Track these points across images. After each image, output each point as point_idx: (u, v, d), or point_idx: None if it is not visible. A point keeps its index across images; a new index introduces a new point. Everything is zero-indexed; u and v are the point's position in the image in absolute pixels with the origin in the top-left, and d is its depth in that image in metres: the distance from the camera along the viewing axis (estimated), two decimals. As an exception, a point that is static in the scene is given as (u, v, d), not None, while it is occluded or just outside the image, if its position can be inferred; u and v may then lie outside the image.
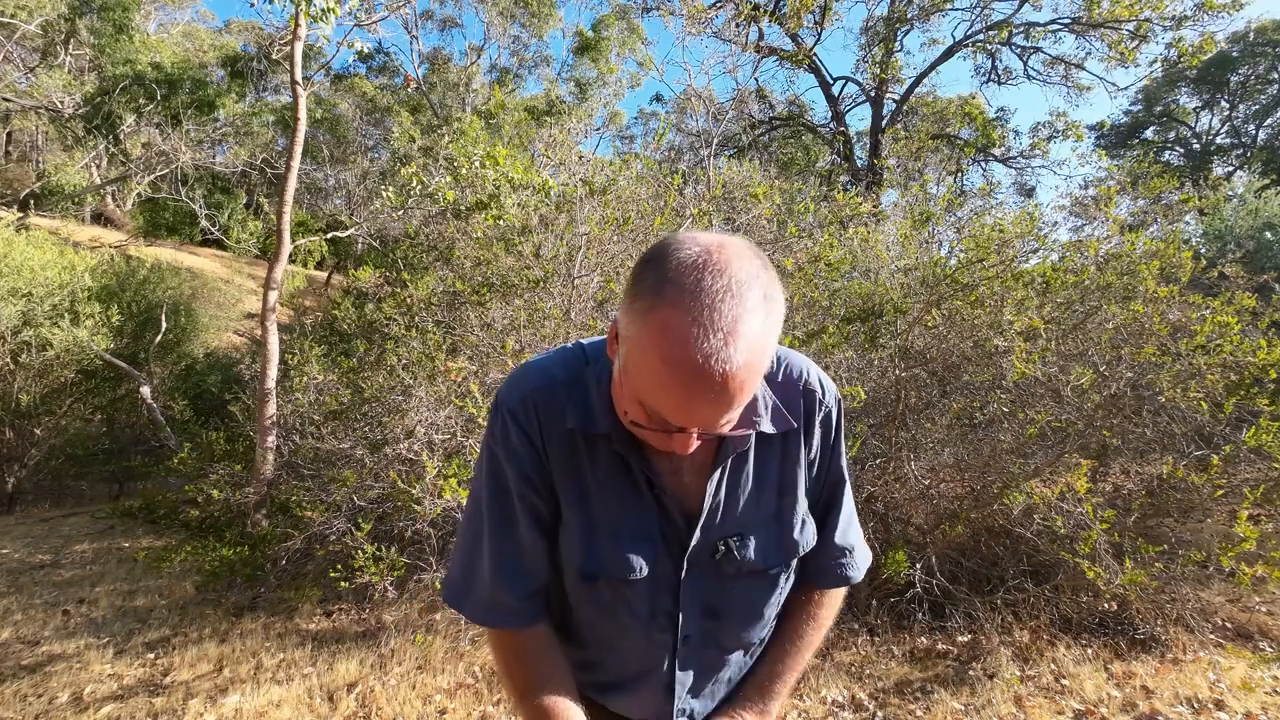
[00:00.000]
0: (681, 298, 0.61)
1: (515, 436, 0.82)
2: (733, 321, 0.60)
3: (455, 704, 2.68)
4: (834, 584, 0.97)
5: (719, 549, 0.85)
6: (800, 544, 0.89)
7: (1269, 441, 2.79)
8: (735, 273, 0.62)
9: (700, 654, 0.91)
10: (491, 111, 14.35)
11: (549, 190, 4.36)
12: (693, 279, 0.61)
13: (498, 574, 0.84)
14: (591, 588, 0.86)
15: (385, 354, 3.88)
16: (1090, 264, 3.67)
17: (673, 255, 0.64)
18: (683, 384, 0.61)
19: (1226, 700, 2.47)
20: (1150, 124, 23.12)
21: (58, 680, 2.97)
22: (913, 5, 14.08)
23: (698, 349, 0.59)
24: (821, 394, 0.88)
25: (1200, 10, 11.05)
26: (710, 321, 0.60)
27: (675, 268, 0.63)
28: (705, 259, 0.63)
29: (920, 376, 3.54)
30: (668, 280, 0.62)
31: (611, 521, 0.83)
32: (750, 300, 0.62)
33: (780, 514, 0.88)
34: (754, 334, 0.61)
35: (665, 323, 0.61)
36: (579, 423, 0.81)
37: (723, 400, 0.63)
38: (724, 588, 0.88)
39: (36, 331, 7.07)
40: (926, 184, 9.56)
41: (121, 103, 14.89)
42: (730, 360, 0.60)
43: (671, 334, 0.60)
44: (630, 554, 0.83)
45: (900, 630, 3.08)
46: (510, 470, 0.83)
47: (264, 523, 4.24)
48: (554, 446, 0.82)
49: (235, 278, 17.79)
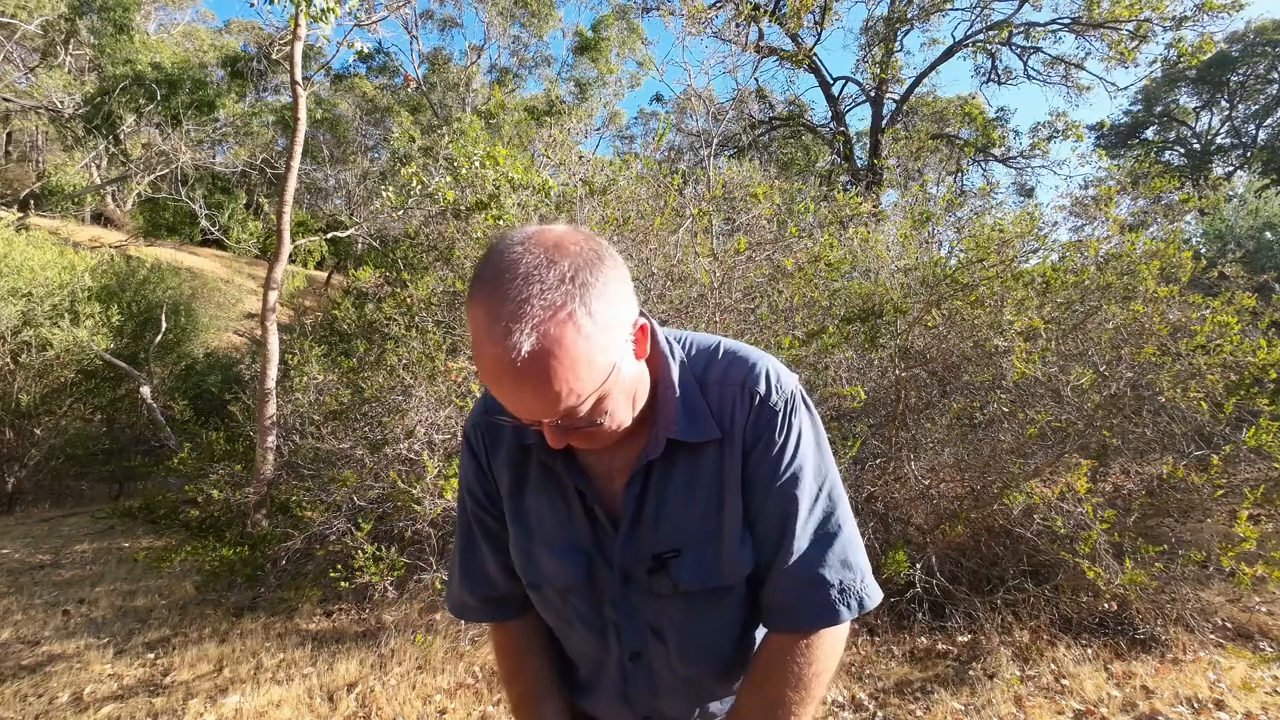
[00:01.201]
0: (482, 291, 0.62)
1: (467, 459, 0.90)
2: (517, 308, 0.59)
3: (455, 704, 2.68)
4: (789, 627, 0.78)
5: (653, 565, 0.79)
6: (741, 561, 0.79)
7: (1269, 441, 2.79)
8: (531, 260, 0.61)
9: (654, 673, 0.87)
10: (491, 111, 14.35)
11: (549, 190, 4.36)
12: (492, 271, 0.62)
13: (462, 578, 0.94)
14: (539, 595, 0.88)
15: (385, 354, 3.88)
16: (1090, 264, 3.67)
17: (487, 253, 0.65)
18: (490, 376, 0.63)
19: (1226, 700, 2.47)
20: (1150, 124, 23.13)
21: (58, 680, 2.97)
22: (913, 5, 14.08)
23: (489, 339, 0.60)
24: (765, 393, 0.78)
25: (1200, 10, 11.05)
26: (495, 311, 0.60)
27: (484, 264, 0.63)
28: (506, 250, 0.63)
29: (920, 376, 3.54)
30: (477, 277, 0.63)
31: (546, 531, 0.85)
32: (543, 284, 0.60)
33: (720, 530, 0.79)
34: (546, 315, 0.60)
35: (472, 318, 0.63)
36: (515, 434, 0.84)
37: (528, 389, 0.62)
38: (663, 608, 0.82)
39: (36, 331, 7.08)
40: (926, 184, 9.56)
41: (121, 103, 14.89)
42: (517, 347, 0.59)
43: (474, 328, 0.62)
44: (564, 562, 0.83)
45: (900, 630, 3.08)
46: (466, 491, 0.91)
47: (264, 523, 4.24)
48: (499, 463, 0.87)
49: (235, 278, 17.80)
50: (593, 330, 0.63)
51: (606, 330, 0.64)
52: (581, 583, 0.83)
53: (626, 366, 0.70)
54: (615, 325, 0.66)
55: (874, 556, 3.18)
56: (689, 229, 4.10)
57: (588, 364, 0.63)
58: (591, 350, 0.63)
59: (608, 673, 0.89)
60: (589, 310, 0.62)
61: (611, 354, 0.66)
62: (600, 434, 0.73)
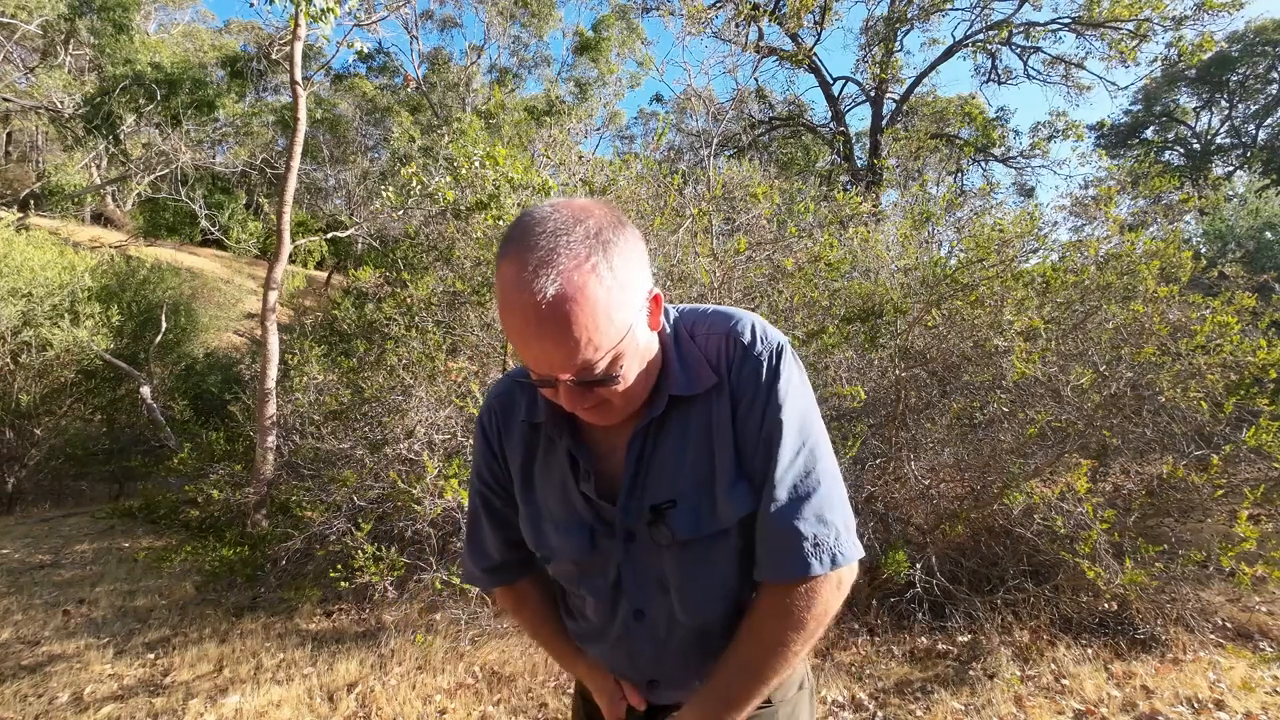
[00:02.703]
0: (511, 248, 0.67)
1: (479, 441, 0.95)
2: (546, 255, 0.64)
3: (455, 704, 2.68)
4: (776, 575, 0.79)
5: (652, 518, 0.82)
6: (735, 504, 0.80)
7: (1269, 441, 2.79)
8: (559, 217, 0.67)
9: (657, 627, 0.88)
10: (491, 111, 14.35)
11: (549, 190, 4.35)
12: (521, 231, 0.67)
13: (470, 551, 1.01)
14: (554, 566, 0.93)
15: (385, 354, 3.88)
16: (1090, 264, 3.66)
17: (517, 219, 0.69)
18: (515, 324, 0.66)
19: (1226, 700, 2.47)
20: (1150, 124, 23.12)
21: (58, 680, 2.97)
22: (913, 5, 14.08)
23: (516, 285, 0.65)
24: (750, 341, 0.80)
25: (1200, 10, 11.05)
26: (524, 260, 0.65)
27: (514, 227, 0.69)
28: (535, 213, 0.68)
29: (920, 376, 3.54)
30: (507, 239, 0.68)
31: (550, 507, 0.89)
32: (570, 237, 0.65)
33: (713, 477, 0.81)
34: (572, 267, 0.64)
35: (501, 273, 0.67)
36: (527, 413, 0.89)
37: (551, 333, 0.65)
38: (665, 558, 0.84)
39: (36, 331, 7.07)
40: (926, 184, 9.56)
41: (121, 103, 14.89)
42: (543, 290, 0.63)
43: (503, 280, 0.67)
44: (569, 536, 0.87)
45: (900, 630, 3.08)
46: (475, 470, 0.97)
47: (264, 523, 4.24)
48: (511, 443, 0.92)
49: (235, 278, 17.79)
50: (613, 285, 0.67)
51: (626, 289, 0.69)
52: (588, 553, 0.87)
53: (641, 332, 0.74)
54: (634, 286, 0.70)
55: (874, 556, 3.18)
56: (689, 229, 4.10)
57: (607, 316, 0.67)
58: (611, 303, 0.67)
59: (616, 635, 0.92)
60: (611, 266, 0.67)
61: (629, 314, 0.70)
62: (614, 401, 0.76)
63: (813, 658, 2.92)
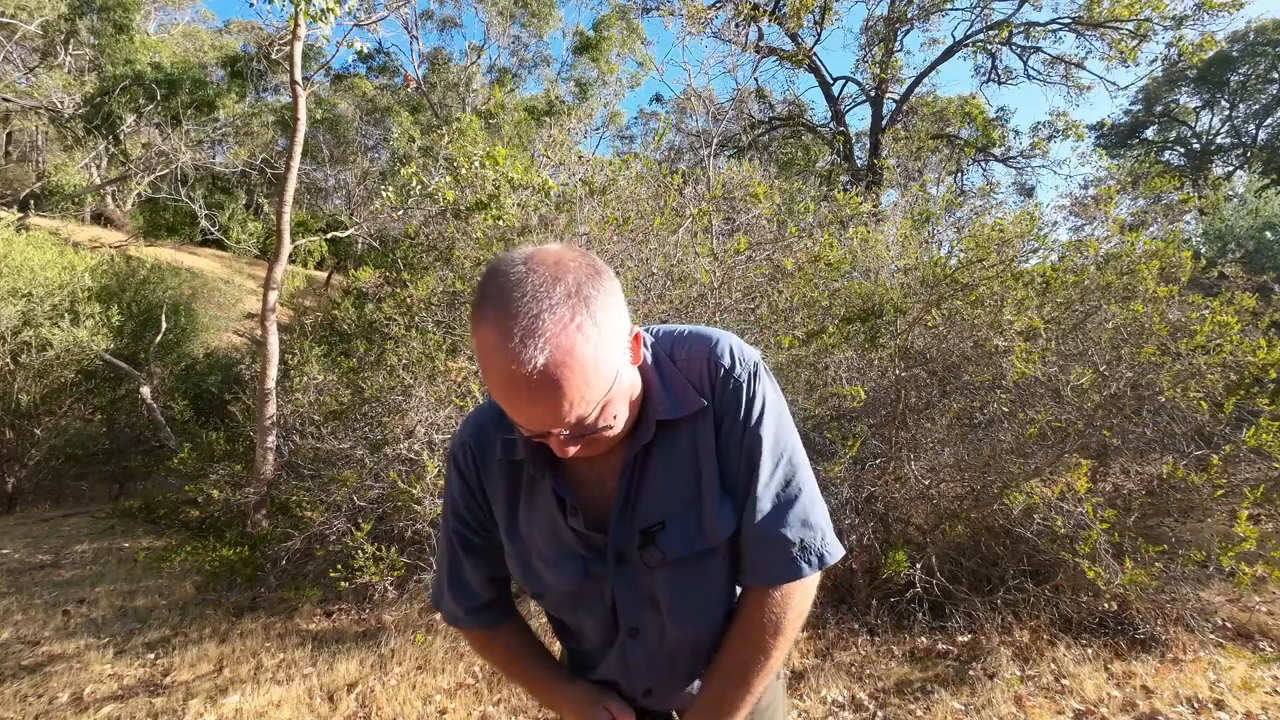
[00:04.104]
0: (491, 311, 0.65)
1: (454, 478, 0.93)
2: (531, 323, 0.63)
3: (455, 704, 2.68)
4: (762, 580, 0.84)
5: (642, 540, 0.84)
6: (723, 523, 0.84)
7: (1269, 441, 2.79)
8: (535, 279, 0.65)
9: (651, 644, 0.91)
10: (491, 111, 14.36)
11: (549, 190, 4.36)
12: (498, 292, 0.65)
13: (450, 590, 0.98)
14: (547, 599, 0.94)
15: (385, 354, 3.88)
16: (1090, 264, 3.66)
17: (489, 275, 0.68)
18: (505, 392, 0.66)
19: (1226, 700, 2.46)
20: (1150, 124, 23.13)
21: (58, 680, 2.97)
22: (913, 5, 14.08)
23: (504, 355, 0.63)
24: (730, 364, 0.83)
25: (1200, 10, 11.05)
26: (507, 328, 0.63)
27: (488, 286, 0.67)
28: (509, 271, 0.66)
29: (920, 376, 3.54)
30: (483, 299, 0.67)
31: (536, 543, 0.89)
32: (551, 299, 0.64)
33: (700, 497, 0.84)
34: (558, 332, 0.64)
35: (482, 338, 0.66)
36: (504, 452, 0.88)
37: (544, 400, 0.65)
38: (656, 578, 0.87)
39: (36, 331, 7.07)
40: (926, 184, 9.57)
41: (121, 103, 14.89)
42: (532, 360, 0.63)
43: (485, 347, 0.65)
44: (560, 571, 0.88)
45: (900, 630, 3.08)
46: (449, 509, 0.95)
47: (264, 523, 4.24)
48: (490, 482, 0.90)
49: (235, 278, 17.78)
50: (599, 340, 0.67)
51: (609, 340, 0.68)
52: (581, 582, 0.88)
53: (625, 373, 0.74)
54: (617, 334, 0.70)
55: (874, 556, 3.18)
56: (689, 229, 4.10)
57: (596, 372, 0.67)
58: (599, 359, 0.67)
59: (613, 651, 0.94)
60: (595, 321, 0.66)
61: (615, 361, 0.70)
62: (601, 440, 0.76)
63: (812, 657, 2.92)
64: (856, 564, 3.26)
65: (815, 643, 3.03)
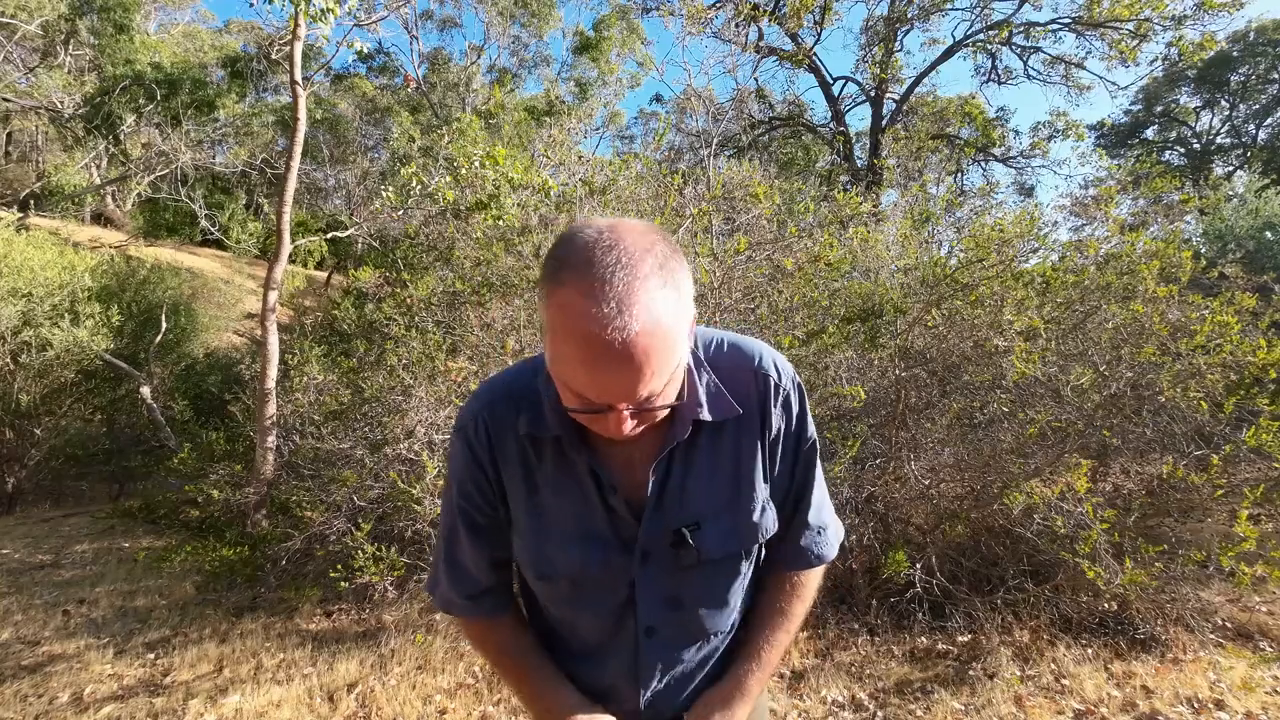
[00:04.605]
0: (576, 276, 0.63)
1: (461, 455, 0.89)
2: (625, 290, 0.62)
3: (455, 704, 2.68)
4: (809, 565, 0.96)
5: (675, 539, 0.85)
6: (760, 528, 0.89)
7: (1269, 441, 2.79)
8: (627, 246, 0.64)
9: (667, 644, 0.92)
10: (491, 111, 14.36)
11: (549, 190, 4.36)
12: (584, 257, 0.64)
13: (448, 577, 0.94)
14: (549, 586, 0.90)
15: (385, 354, 3.88)
16: (1090, 264, 3.66)
17: (570, 240, 0.67)
18: (588, 357, 0.64)
19: (1226, 700, 2.47)
20: (1150, 124, 23.13)
21: (58, 680, 2.97)
22: (913, 5, 14.08)
23: (593, 320, 0.61)
24: (777, 377, 0.87)
25: (1200, 10, 11.05)
26: (602, 293, 0.62)
27: (570, 250, 0.65)
28: (596, 237, 0.65)
29: (920, 376, 3.54)
30: (565, 263, 0.65)
31: (561, 522, 0.86)
32: (643, 269, 0.63)
33: (737, 501, 0.87)
34: (650, 301, 0.63)
35: (564, 302, 0.63)
36: (530, 427, 0.84)
37: (629, 369, 0.64)
38: (684, 578, 0.88)
39: (36, 332, 7.06)
40: (926, 184, 9.57)
41: (121, 103, 14.89)
42: (626, 327, 0.61)
43: (570, 311, 0.63)
44: (580, 553, 0.86)
45: (900, 630, 3.08)
46: (455, 487, 0.91)
47: (264, 523, 4.24)
48: (504, 458, 0.87)
49: (235, 278, 17.78)
50: (679, 314, 0.67)
51: (685, 315, 0.69)
52: (596, 571, 0.86)
53: (686, 355, 0.75)
54: (688, 311, 0.70)
55: (874, 556, 3.18)
56: (689, 229, 4.10)
57: (674, 349, 0.67)
58: (678, 335, 0.67)
59: (617, 651, 0.92)
60: (679, 294, 0.67)
61: (686, 339, 0.70)
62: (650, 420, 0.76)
63: (812, 657, 2.92)
64: (856, 564, 3.26)
65: (815, 643, 3.03)
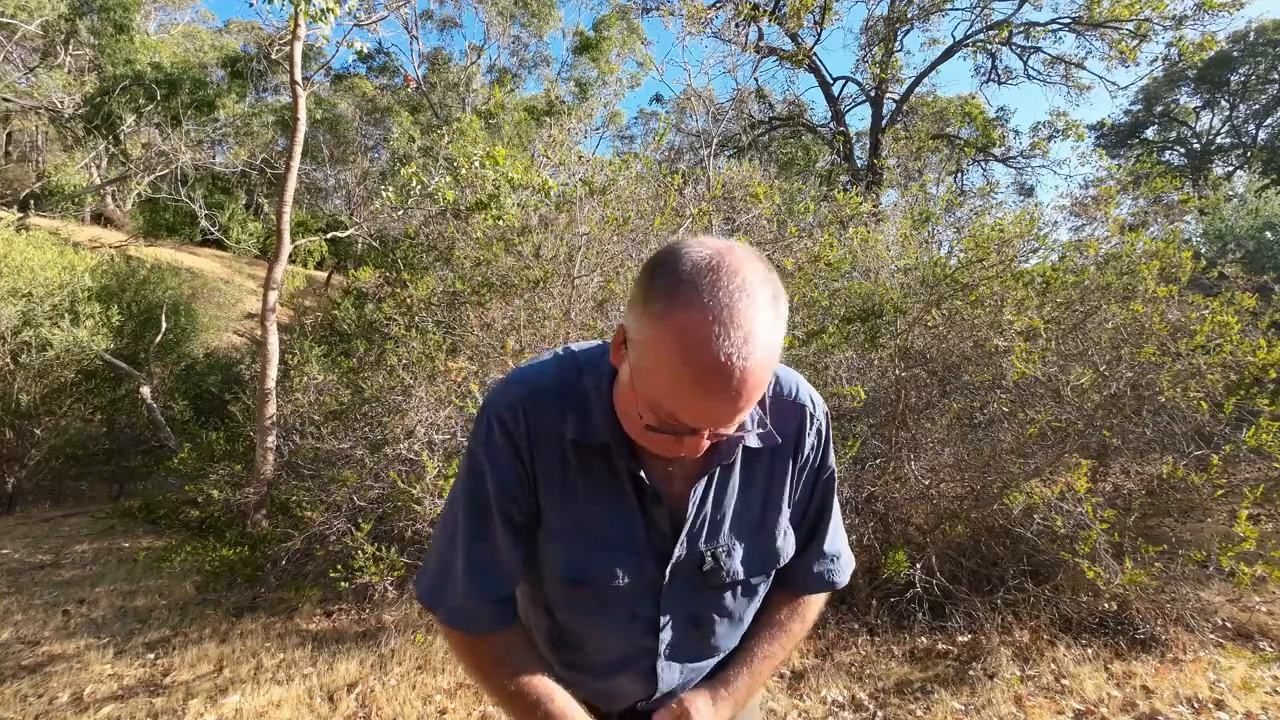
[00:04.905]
0: (698, 298, 0.62)
1: (501, 444, 0.82)
2: (749, 320, 0.62)
3: (455, 704, 2.68)
4: (821, 589, 1.00)
5: (706, 561, 0.87)
6: (783, 553, 0.92)
7: (1269, 441, 2.79)
8: (747, 274, 0.64)
9: (683, 660, 0.93)
10: (491, 111, 14.37)
11: (549, 190, 4.36)
12: (708, 280, 0.63)
13: (470, 581, 0.84)
14: (572, 592, 0.88)
15: (385, 354, 3.88)
16: (1090, 264, 3.67)
17: (684, 258, 0.65)
18: (703, 383, 0.63)
19: (1226, 700, 2.47)
20: (1150, 124, 23.12)
21: (58, 680, 2.96)
22: (913, 5, 14.08)
23: (719, 348, 0.61)
24: (812, 408, 0.91)
25: (1200, 10, 11.05)
26: (729, 320, 0.61)
27: (689, 270, 0.64)
28: (717, 261, 0.64)
29: (920, 376, 3.54)
30: (682, 282, 0.63)
31: (598, 529, 0.84)
32: (762, 299, 0.63)
33: (764, 525, 0.90)
34: (767, 333, 0.63)
35: (684, 324, 0.62)
36: (578, 433, 0.81)
37: (739, 398, 0.64)
38: (708, 597, 0.90)
39: (36, 332, 7.06)
40: (926, 184, 9.57)
41: (121, 103, 14.89)
42: (749, 357, 0.61)
43: (691, 334, 0.61)
44: (614, 561, 0.84)
45: (900, 630, 3.08)
46: (490, 478, 0.82)
47: (264, 523, 4.24)
48: (542, 455, 0.83)
49: (235, 278, 17.78)
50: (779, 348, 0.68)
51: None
52: (627, 580, 0.85)
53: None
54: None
55: (874, 556, 3.18)
56: (689, 229, 4.10)
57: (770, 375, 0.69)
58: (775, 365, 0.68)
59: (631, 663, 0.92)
60: (781, 331, 0.67)
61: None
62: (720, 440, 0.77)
63: (812, 657, 2.92)
64: (856, 564, 3.26)
65: (815, 643, 3.03)
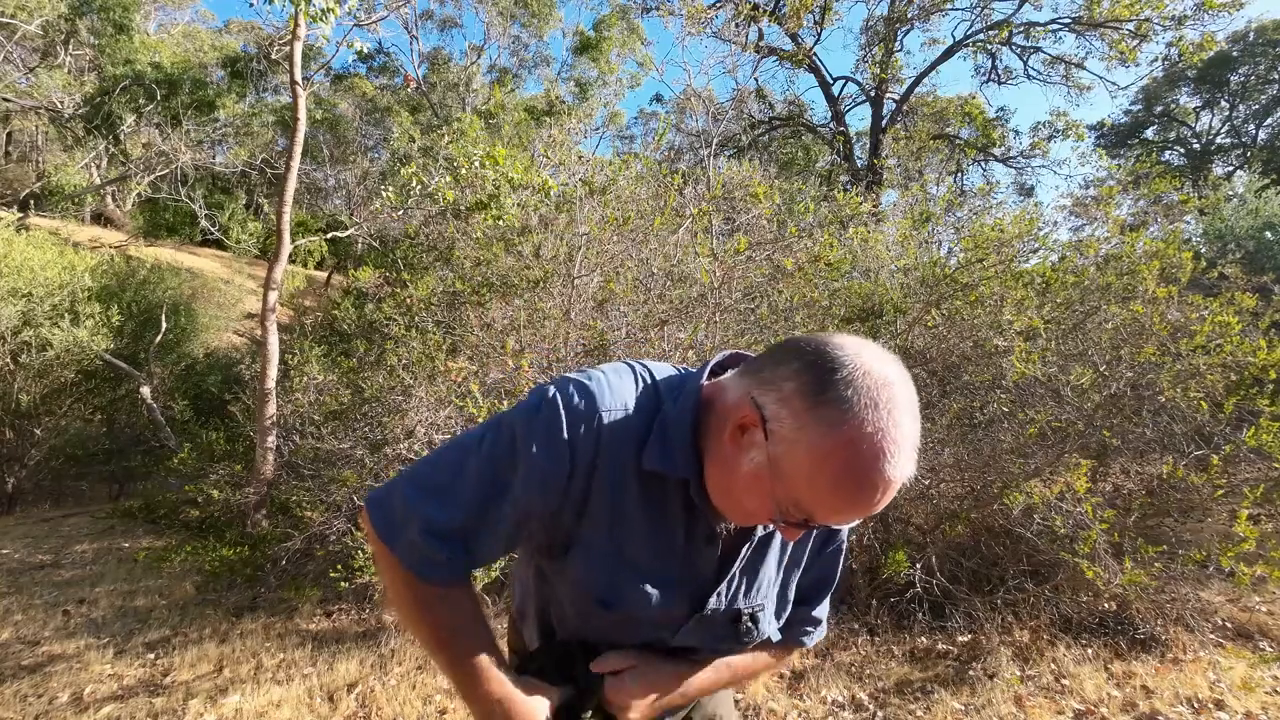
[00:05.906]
0: (876, 415, 0.63)
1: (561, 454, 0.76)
2: (909, 439, 0.64)
3: (455, 704, 2.68)
4: (787, 645, 1.02)
5: (744, 622, 0.91)
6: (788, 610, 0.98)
7: (1269, 441, 2.79)
8: (911, 389, 0.67)
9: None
10: (491, 111, 14.37)
11: (549, 190, 4.36)
12: (885, 396, 0.64)
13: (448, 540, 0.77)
14: (603, 612, 0.86)
15: (385, 354, 3.88)
16: (1090, 264, 3.67)
17: (849, 363, 0.65)
18: (861, 498, 0.65)
19: (1226, 700, 2.47)
20: (1150, 124, 23.12)
21: (58, 680, 2.96)
22: (913, 5, 14.08)
23: (887, 467, 0.63)
24: None
25: (1200, 10, 11.05)
26: (900, 438, 0.63)
27: (860, 380, 0.64)
28: (885, 373, 0.65)
29: (920, 376, 3.54)
30: (855, 391, 0.63)
31: (645, 560, 0.83)
32: (916, 410, 0.66)
33: (785, 587, 0.95)
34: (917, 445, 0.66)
35: (854, 439, 0.63)
36: (660, 463, 0.77)
37: (878, 504, 0.67)
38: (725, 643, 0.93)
39: (36, 332, 7.07)
40: (926, 184, 9.58)
41: (121, 103, 14.90)
42: (902, 475, 0.64)
43: (867, 452, 0.63)
44: (651, 592, 0.85)
45: (900, 630, 3.08)
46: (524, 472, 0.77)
47: (264, 523, 4.24)
48: (602, 474, 0.78)
49: (235, 278, 17.78)
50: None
51: None
52: (657, 612, 0.86)
53: None
54: None
55: (874, 556, 3.18)
56: (689, 229, 4.10)
57: None
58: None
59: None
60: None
61: None
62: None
63: (812, 657, 2.92)
64: (856, 564, 3.26)
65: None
